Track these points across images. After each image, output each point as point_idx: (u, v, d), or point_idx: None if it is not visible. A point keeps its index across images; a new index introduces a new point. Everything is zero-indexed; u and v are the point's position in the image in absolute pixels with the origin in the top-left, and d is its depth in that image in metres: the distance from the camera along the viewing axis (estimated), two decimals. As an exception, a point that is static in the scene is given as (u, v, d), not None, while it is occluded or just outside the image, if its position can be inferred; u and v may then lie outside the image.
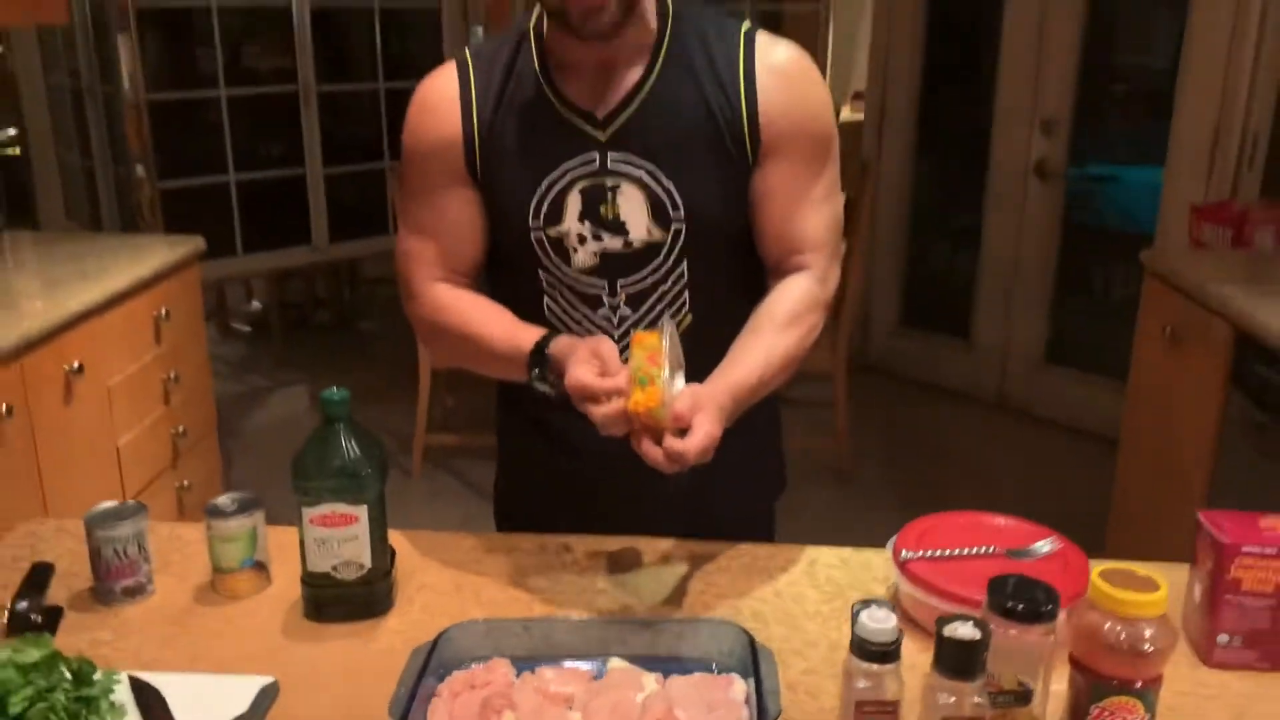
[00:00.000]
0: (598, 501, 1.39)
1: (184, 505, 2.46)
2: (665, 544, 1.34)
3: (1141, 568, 0.96)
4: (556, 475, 1.42)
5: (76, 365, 2.05)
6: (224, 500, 1.26)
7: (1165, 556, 1.23)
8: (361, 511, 1.16)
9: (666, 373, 1.07)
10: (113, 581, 1.23)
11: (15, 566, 1.26)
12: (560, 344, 1.20)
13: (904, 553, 1.20)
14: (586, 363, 1.12)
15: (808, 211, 1.29)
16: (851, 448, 3.54)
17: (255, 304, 5.14)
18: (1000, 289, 4.16)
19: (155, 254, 2.40)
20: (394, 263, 1.43)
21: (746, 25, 1.28)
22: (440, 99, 1.29)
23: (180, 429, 2.45)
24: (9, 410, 1.85)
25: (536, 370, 1.21)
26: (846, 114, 5.91)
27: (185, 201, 3.92)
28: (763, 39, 1.27)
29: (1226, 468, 2.13)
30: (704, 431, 1.07)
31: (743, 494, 1.46)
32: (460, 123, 1.27)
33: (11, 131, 4.30)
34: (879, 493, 3.45)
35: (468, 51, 1.33)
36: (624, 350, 1.18)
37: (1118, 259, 3.76)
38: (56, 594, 1.22)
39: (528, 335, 1.24)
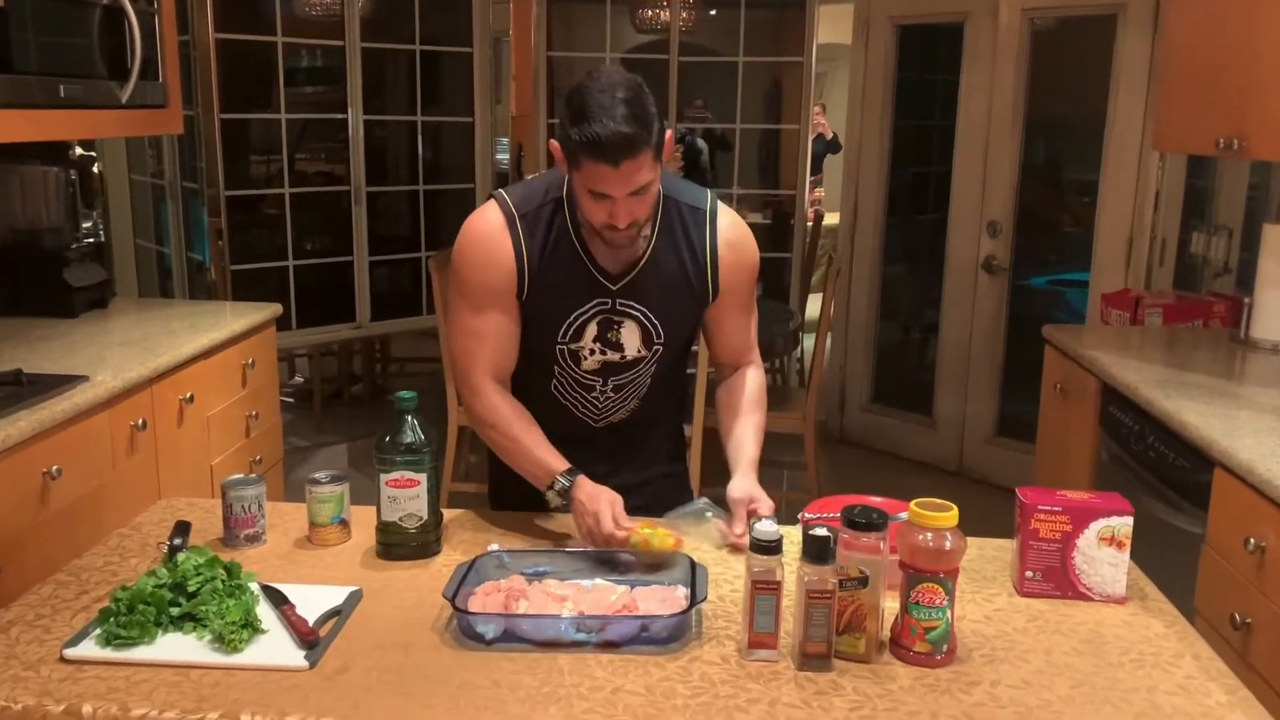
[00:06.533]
0: None
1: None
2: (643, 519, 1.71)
3: (943, 501, 1.36)
4: None
5: (189, 395, 2.54)
6: (320, 474, 1.67)
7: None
8: (422, 478, 1.58)
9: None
10: (239, 530, 1.63)
11: (161, 525, 1.71)
12: (584, 488, 1.65)
13: (806, 515, 1.70)
14: (608, 514, 1.59)
15: (747, 326, 1.88)
16: (827, 509, 3.95)
17: (299, 378, 5.60)
18: (957, 372, 4.54)
19: (245, 316, 2.90)
20: (450, 355, 1.89)
21: (709, 203, 1.78)
22: (498, 244, 1.71)
23: (257, 458, 2.92)
24: (143, 424, 2.34)
25: (557, 493, 1.68)
26: (832, 219, 6.46)
27: (248, 283, 4.39)
28: (721, 217, 1.78)
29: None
30: (767, 507, 1.65)
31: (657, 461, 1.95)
32: (514, 264, 1.71)
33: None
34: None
35: (513, 208, 1.72)
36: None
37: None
38: (192, 543, 1.59)
39: (556, 464, 1.69)
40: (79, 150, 3.04)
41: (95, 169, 3.06)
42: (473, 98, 5.04)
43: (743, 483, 1.73)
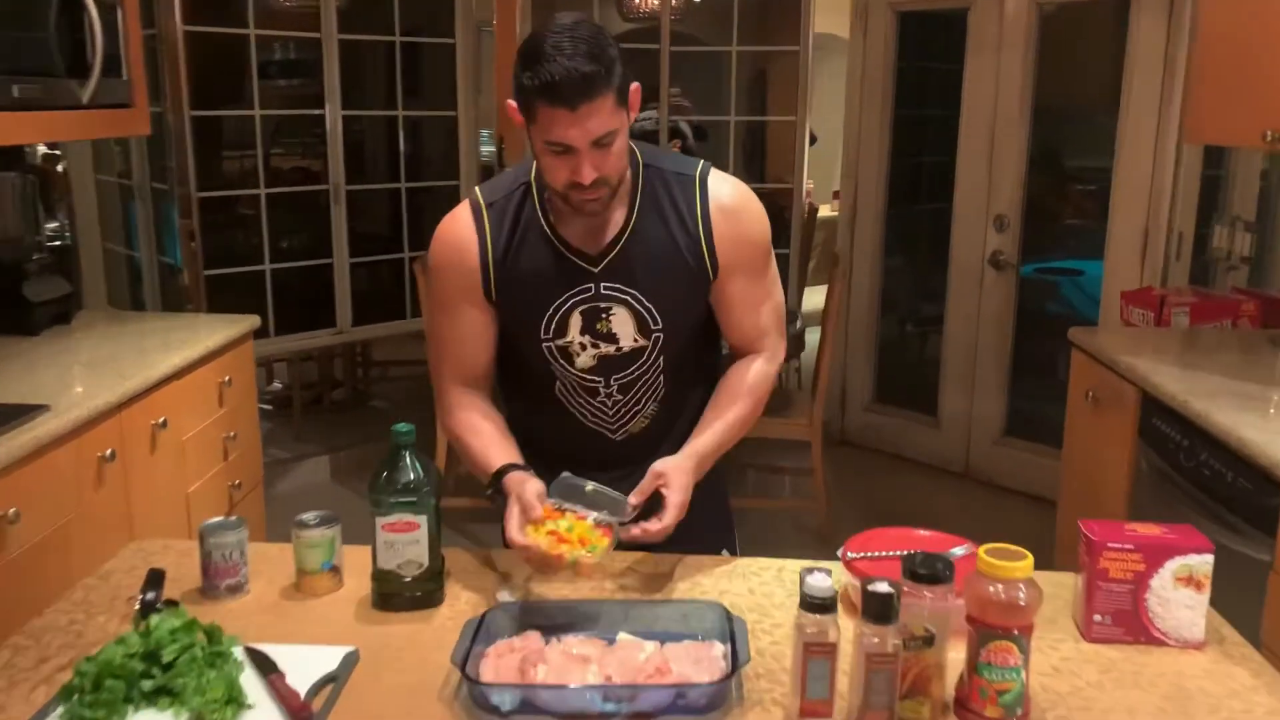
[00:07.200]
0: None
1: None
2: (655, 556, 1.58)
3: (1016, 547, 1.22)
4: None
5: (162, 420, 2.36)
6: (308, 515, 1.52)
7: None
8: (422, 520, 1.44)
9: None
10: (219, 580, 1.49)
11: (132, 573, 1.54)
12: (509, 481, 1.52)
13: (849, 553, 1.54)
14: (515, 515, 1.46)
15: (758, 308, 1.66)
16: (832, 513, 3.80)
17: (277, 384, 5.41)
18: (963, 370, 4.43)
19: (220, 330, 2.72)
20: (425, 357, 1.76)
21: (700, 168, 1.62)
22: (462, 240, 1.60)
23: (236, 482, 2.75)
24: (112, 454, 2.16)
25: (490, 490, 1.55)
26: (827, 211, 6.30)
27: (223, 287, 4.20)
28: (713, 181, 1.61)
29: (1139, 511, 2.45)
30: (674, 506, 1.46)
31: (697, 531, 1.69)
32: (478, 259, 1.59)
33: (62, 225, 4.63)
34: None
35: (481, 199, 1.61)
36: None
37: (1067, 343, 4.10)
38: (168, 594, 1.45)
39: (495, 461, 1.56)
40: (42, 149, 2.85)
41: (60, 168, 2.88)
42: (455, 90, 4.87)
43: (673, 460, 1.54)
